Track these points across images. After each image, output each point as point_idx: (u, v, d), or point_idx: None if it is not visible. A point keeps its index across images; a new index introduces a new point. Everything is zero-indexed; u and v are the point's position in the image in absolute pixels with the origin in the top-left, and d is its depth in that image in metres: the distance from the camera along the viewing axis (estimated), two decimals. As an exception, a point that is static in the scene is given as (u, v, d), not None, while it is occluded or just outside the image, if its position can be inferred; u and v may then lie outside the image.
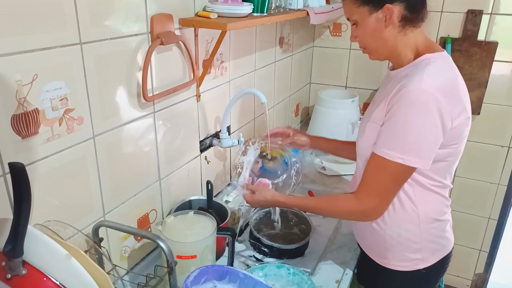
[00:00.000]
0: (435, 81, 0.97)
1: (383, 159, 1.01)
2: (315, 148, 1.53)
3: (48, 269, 0.66)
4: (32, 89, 0.82)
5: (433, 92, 0.95)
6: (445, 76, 1.01)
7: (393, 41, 1.05)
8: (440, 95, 0.96)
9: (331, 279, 1.22)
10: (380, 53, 1.10)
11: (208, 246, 1.06)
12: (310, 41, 2.36)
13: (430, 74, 0.98)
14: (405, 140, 0.99)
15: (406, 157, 0.99)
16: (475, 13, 1.99)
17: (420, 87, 0.96)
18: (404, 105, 0.97)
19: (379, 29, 1.04)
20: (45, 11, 0.81)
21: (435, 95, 0.95)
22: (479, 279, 2.50)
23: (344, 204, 1.12)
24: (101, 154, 1.02)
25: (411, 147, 0.98)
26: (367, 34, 1.06)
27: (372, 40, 1.07)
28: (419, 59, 1.04)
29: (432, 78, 0.97)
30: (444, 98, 0.96)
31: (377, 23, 1.03)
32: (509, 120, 2.11)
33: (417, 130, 0.97)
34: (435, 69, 1.00)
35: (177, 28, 1.18)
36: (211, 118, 1.48)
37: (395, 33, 1.04)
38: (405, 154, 0.99)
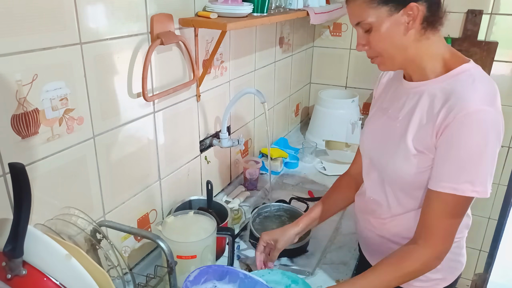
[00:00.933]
0: (490, 96, 0.87)
1: (453, 196, 0.88)
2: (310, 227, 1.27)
3: (48, 269, 0.65)
4: (32, 89, 0.82)
5: (496, 113, 0.85)
6: (492, 88, 0.90)
7: (415, 48, 0.92)
8: (499, 113, 0.87)
9: (331, 279, 1.22)
10: (396, 62, 0.95)
11: (208, 246, 1.06)
12: (310, 41, 2.37)
13: (484, 91, 0.87)
14: (474, 171, 0.86)
15: (479, 189, 0.87)
16: (475, 13, 2.00)
17: (482, 107, 0.84)
18: (470, 131, 0.84)
19: (398, 34, 0.90)
20: (45, 11, 0.81)
21: (498, 116, 0.86)
22: (479, 279, 2.50)
23: (414, 260, 0.94)
24: (101, 154, 1.02)
25: (482, 177, 0.87)
26: (384, 39, 0.91)
27: (390, 46, 0.92)
28: (457, 71, 0.91)
29: (488, 95, 0.87)
30: (499, 113, 0.87)
31: (397, 26, 0.89)
32: (509, 120, 2.11)
33: (485, 157, 0.86)
34: (483, 83, 0.89)
35: (177, 28, 1.18)
36: (211, 118, 1.48)
37: (417, 37, 0.91)
38: (477, 186, 0.86)
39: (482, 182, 0.87)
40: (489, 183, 0.88)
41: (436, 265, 0.96)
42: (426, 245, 0.93)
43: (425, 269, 0.96)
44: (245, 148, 1.81)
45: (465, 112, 0.84)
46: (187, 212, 1.15)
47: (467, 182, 0.86)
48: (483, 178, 0.87)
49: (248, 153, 1.85)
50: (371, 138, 1.10)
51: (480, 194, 0.87)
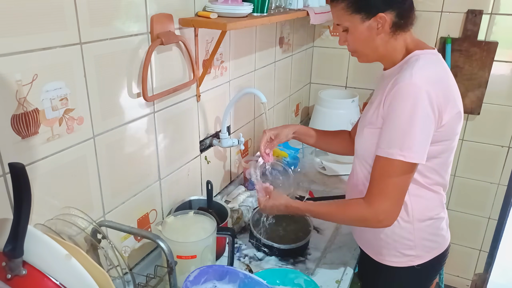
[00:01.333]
0: (424, 74, 0.99)
1: (386, 159, 1.01)
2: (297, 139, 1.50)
3: (48, 269, 0.66)
4: (32, 89, 0.82)
5: (423, 85, 0.96)
6: (434, 70, 1.03)
7: (384, 47, 1.08)
8: (430, 87, 0.97)
9: (331, 279, 1.22)
10: (369, 58, 1.12)
11: (208, 246, 1.06)
12: (310, 41, 2.36)
13: (419, 68, 1.00)
14: (402, 137, 0.98)
15: (406, 153, 0.98)
16: (475, 13, 1.99)
17: (410, 81, 0.97)
18: (397, 102, 0.98)
19: (371, 37, 1.06)
20: (45, 11, 0.81)
21: (425, 88, 0.96)
22: (479, 279, 2.50)
23: (355, 209, 1.08)
24: (101, 154, 1.02)
25: (409, 142, 0.98)
26: (358, 40, 1.08)
27: (363, 46, 1.09)
28: (409, 56, 1.07)
29: (421, 72, 0.99)
30: (434, 90, 0.97)
31: (369, 31, 1.05)
32: (509, 120, 2.11)
33: (412, 125, 0.97)
34: (424, 63, 1.02)
35: (177, 28, 1.18)
36: (211, 118, 1.48)
37: (387, 39, 1.07)
38: (404, 150, 0.98)
39: (409, 147, 0.98)
40: (418, 150, 0.98)
41: (377, 226, 1.08)
42: (367, 201, 1.06)
43: (362, 222, 1.11)
44: (245, 148, 1.81)
45: (397, 87, 0.98)
46: (187, 212, 1.15)
47: (396, 147, 0.99)
48: (410, 144, 0.98)
49: (248, 153, 1.85)
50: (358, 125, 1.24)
51: (407, 158, 0.98)
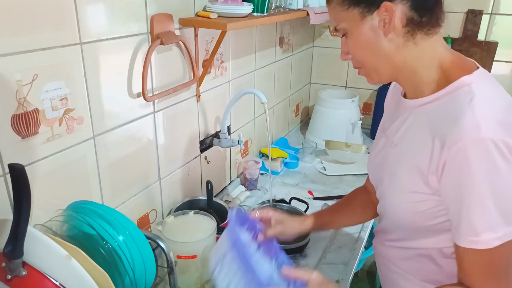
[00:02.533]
0: (494, 119, 0.68)
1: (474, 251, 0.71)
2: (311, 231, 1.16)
3: (48, 270, 0.65)
4: (32, 89, 0.82)
5: (500, 137, 0.66)
6: (500, 105, 0.72)
7: (399, 55, 0.77)
8: (507, 136, 0.67)
9: (331, 279, 1.22)
10: (382, 74, 0.81)
11: (208, 246, 1.06)
12: (310, 41, 2.36)
13: (484, 112, 0.69)
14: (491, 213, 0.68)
15: (502, 232, 0.68)
16: (475, 13, 2.00)
17: (479, 136, 0.66)
18: (470, 169, 0.67)
19: (376, 40, 0.76)
20: (45, 11, 0.81)
21: (503, 140, 0.66)
22: (479, 279, 2.49)
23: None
24: (101, 154, 1.02)
25: (503, 217, 0.68)
26: (360, 46, 0.78)
27: (369, 54, 0.78)
28: (452, 87, 0.74)
29: (488, 117, 0.68)
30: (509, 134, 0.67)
31: (372, 31, 0.75)
32: None
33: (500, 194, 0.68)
34: (484, 100, 0.71)
35: (177, 28, 1.18)
36: (211, 118, 1.48)
37: (401, 43, 0.76)
38: (499, 230, 0.69)
39: (504, 223, 0.69)
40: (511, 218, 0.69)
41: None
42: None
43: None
44: (245, 148, 1.81)
45: (461, 145, 0.67)
46: (187, 212, 1.15)
47: (487, 230, 0.69)
48: (505, 219, 0.68)
49: (248, 153, 1.85)
50: (371, 163, 0.98)
51: (504, 238, 0.69)
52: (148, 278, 0.84)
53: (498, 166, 0.66)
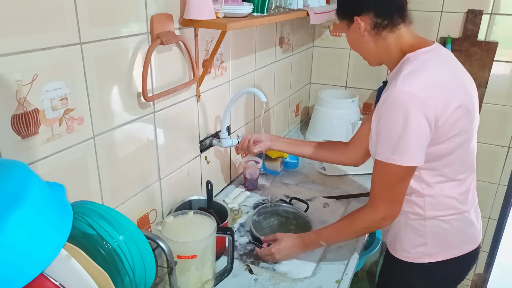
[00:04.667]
0: (411, 80, 1.00)
1: (381, 163, 1.05)
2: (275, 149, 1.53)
3: (48, 269, 0.65)
4: (32, 89, 0.82)
5: (410, 91, 0.98)
6: (424, 72, 1.02)
7: (375, 48, 1.12)
8: (419, 91, 0.98)
9: (331, 279, 1.22)
10: (370, 60, 1.18)
11: (208, 246, 1.06)
12: (310, 41, 2.36)
13: (406, 74, 1.01)
14: (393, 142, 1.01)
15: (396, 157, 1.02)
16: (475, 13, 1.99)
17: (397, 88, 0.99)
18: (387, 109, 1.01)
19: (358, 39, 1.13)
20: (45, 11, 0.81)
21: (412, 93, 0.98)
22: (479, 279, 2.50)
23: (362, 220, 1.15)
24: (101, 154, 1.02)
25: (399, 147, 1.01)
26: (351, 43, 1.18)
27: (358, 48, 1.17)
28: (401, 61, 1.08)
29: (408, 77, 1.00)
30: (424, 93, 0.98)
31: (355, 33, 1.13)
32: (509, 120, 2.11)
33: (401, 130, 0.99)
34: (412, 67, 1.02)
35: (177, 28, 1.18)
36: (211, 118, 1.48)
37: (373, 39, 1.11)
38: (395, 154, 1.02)
39: (397, 152, 1.01)
40: (410, 153, 1.01)
41: (385, 225, 1.14)
42: (371, 207, 1.12)
43: (372, 227, 1.16)
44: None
45: (385, 95, 1.02)
46: (187, 212, 1.15)
47: (387, 152, 1.03)
48: (398, 149, 1.01)
49: (248, 153, 1.85)
50: None
51: (398, 161, 1.02)
52: (148, 278, 0.84)
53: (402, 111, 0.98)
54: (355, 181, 1.80)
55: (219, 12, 1.19)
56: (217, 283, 1.17)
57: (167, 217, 1.12)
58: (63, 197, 0.73)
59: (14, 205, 0.59)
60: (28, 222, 0.59)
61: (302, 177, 1.84)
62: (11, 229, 0.57)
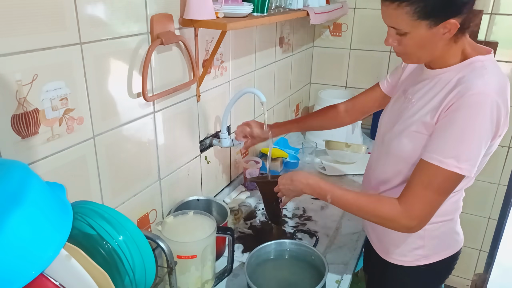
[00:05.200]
0: (497, 86, 0.92)
1: (438, 168, 0.93)
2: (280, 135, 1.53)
3: (48, 269, 0.65)
4: (32, 89, 0.82)
5: (495, 96, 0.90)
6: (502, 81, 0.96)
7: (441, 50, 0.99)
8: (500, 99, 0.91)
9: (331, 279, 1.22)
10: (421, 60, 1.06)
11: (208, 246, 1.06)
12: (310, 41, 2.36)
13: (491, 78, 0.93)
14: (465, 148, 0.91)
15: (464, 166, 0.91)
16: (475, 13, 1.99)
17: (485, 91, 0.90)
18: (468, 111, 0.91)
19: (434, 42, 0.97)
20: (45, 11, 0.81)
21: (496, 100, 0.90)
22: (479, 279, 2.50)
23: (388, 208, 1.00)
24: (101, 154, 1.02)
25: (468, 155, 0.91)
26: (416, 46, 0.98)
27: (420, 51, 1.00)
28: (469, 61, 0.98)
29: (494, 82, 0.92)
30: (503, 104, 0.92)
31: (433, 37, 0.95)
32: (509, 120, 2.10)
33: (476, 137, 0.91)
34: (493, 71, 0.95)
35: (177, 28, 1.18)
36: (211, 118, 1.48)
37: (449, 43, 0.99)
38: (463, 163, 0.91)
39: (467, 160, 0.91)
40: (475, 164, 0.93)
41: (402, 230, 1.03)
42: (403, 206, 0.99)
43: (390, 223, 1.02)
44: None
45: (468, 94, 0.90)
46: (187, 212, 1.15)
47: (453, 157, 0.92)
48: (469, 157, 0.91)
49: (248, 153, 1.85)
50: (387, 115, 1.19)
51: (463, 171, 0.92)
52: (148, 278, 0.84)
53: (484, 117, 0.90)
54: (355, 181, 1.80)
55: (219, 12, 1.19)
56: (217, 283, 1.17)
57: (167, 217, 1.12)
58: (63, 197, 0.73)
59: (14, 205, 0.59)
60: (28, 222, 0.59)
61: (302, 177, 1.83)
62: (11, 229, 0.57)
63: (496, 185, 2.25)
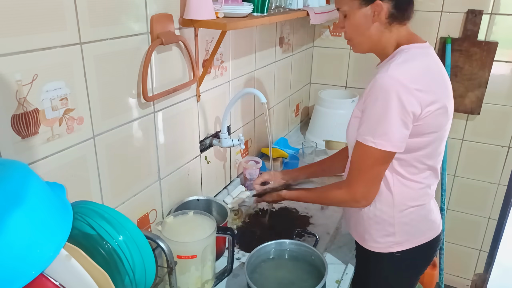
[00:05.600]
0: (402, 68, 1.01)
1: (362, 145, 1.05)
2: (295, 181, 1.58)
3: (48, 269, 0.65)
4: (32, 89, 0.82)
5: (397, 78, 0.99)
6: (414, 64, 1.04)
7: (378, 37, 1.10)
8: (407, 81, 0.99)
9: (331, 279, 1.22)
10: (363, 47, 1.14)
11: (208, 246, 1.06)
12: (310, 41, 2.36)
13: (398, 63, 1.02)
14: (374, 125, 1.03)
15: (377, 141, 1.03)
16: (475, 13, 2.00)
17: (388, 74, 0.99)
18: (372, 93, 1.02)
19: (366, 24, 1.08)
20: (45, 11, 0.81)
21: (399, 81, 0.98)
22: (479, 279, 2.50)
23: (335, 193, 1.17)
24: (101, 154, 1.02)
25: (380, 131, 1.02)
26: (353, 27, 1.10)
27: (358, 34, 1.11)
28: (395, 51, 1.09)
29: (399, 66, 1.01)
30: (411, 83, 0.99)
31: (365, 18, 1.08)
32: (509, 120, 2.11)
33: (383, 115, 1.00)
34: (405, 57, 1.04)
35: (177, 28, 1.18)
36: (211, 118, 1.48)
37: (381, 29, 1.09)
38: (376, 138, 1.03)
39: (378, 136, 1.02)
40: (390, 139, 1.02)
41: (355, 206, 1.18)
42: (346, 184, 1.14)
43: (342, 204, 1.23)
44: (245, 148, 1.81)
45: (374, 79, 1.02)
46: (187, 212, 1.15)
47: (368, 135, 1.04)
48: (379, 133, 1.02)
49: (248, 153, 1.85)
50: None
51: (378, 145, 1.03)
52: (148, 278, 0.84)
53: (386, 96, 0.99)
54: (355, 181, 1.80)
55: (219, 12, 1.19)
56: (217, 283, 1.17)
57: (167, 217, 1.12)
58: (63, 197, 0.73)
59: (14, 205, 0.59)
60: (28, 222, 0.59)
61: (302, 177, 1.83)
62: (11, 229, 0.57)
63: (496, 185, 2.25)
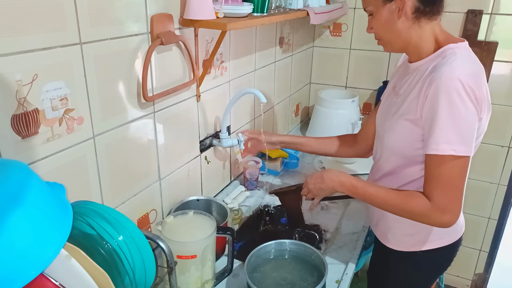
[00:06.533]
0: (466, 70, 0.96)
1: (437, 156, 0.98)
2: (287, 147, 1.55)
3: (48, 269, 0.65)
4: (32, 89, 0.82)
5: (466, 81, 0.94)
6: (473, 66, 1.01)
7: (407, 33, 1.05)
8: (471, 82, 0.94)
9: (331, 279, 1.22)
10: (393, 45, 1.10)
11: (208, 246, 1.06)
12: (310, 41, 2.36)
13: (459, 63, 0.97)
14: (450, 131, 0.96)
15: (456, 147, 0.96)
16: (475, 13, 1.99)
17: (452, 76, 0.94)
18: (441, 98, 0.95)
19: (392, 21, 1.04)
20: (45, 11, 0.81)
21: (466, 83, 0.94)
22: (479, 279, 2.50)
23: (419, 203, 1.02)
24: (101, 154, 1.02)
25: (457, 137, 0.96)
26: (380, 25, 1.07)
27: (386, 31, 1.07)
28: (442, 50, 1.04)
29: (462, 67, 0.96)
30: (474, 85, 0.95)
31: (390, 14, 1.04)
32: (509, 120, 2.11)
33: (458, 119, 0.95)
34: (462, 58, 0.99)
35: (177, 28, 1.18)
36: (211, 118, 1.48)
37: (409, 25, 1.04)
38: (454, 145, 0.96)
39: (456, 142, 0.96)
40: (467, 143, 0.96)
41: (436, 224, 1.04)
42: (437, 209, 1.00)
43: (423, 220, 1.05)
44: (245, 148, 1.80)
45: (438, 82, 0.96)
46: (187, 212, 1.15)
47: (444, 143, 0.96)
48: (456, 138, 0.96)
49: (248, 153, 1.84)
50: (380, 111, 1.25)
51: (458, 152, 0.96)
52: (148, 278, 0.84)
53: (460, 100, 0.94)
54: (355, 181, 1.80)
55: (219, 12, 1.19)
56: (217, 283, 1.17)
57: (167, 217, 1.12)
58: (63, 197, 0.73)
59: (14, 205, 0.58)
60: (28, 222, 0.59)
61: (302, 177, 1.84)
62: (11, 229, 0.57)
63: (496, 185, 2.25)
